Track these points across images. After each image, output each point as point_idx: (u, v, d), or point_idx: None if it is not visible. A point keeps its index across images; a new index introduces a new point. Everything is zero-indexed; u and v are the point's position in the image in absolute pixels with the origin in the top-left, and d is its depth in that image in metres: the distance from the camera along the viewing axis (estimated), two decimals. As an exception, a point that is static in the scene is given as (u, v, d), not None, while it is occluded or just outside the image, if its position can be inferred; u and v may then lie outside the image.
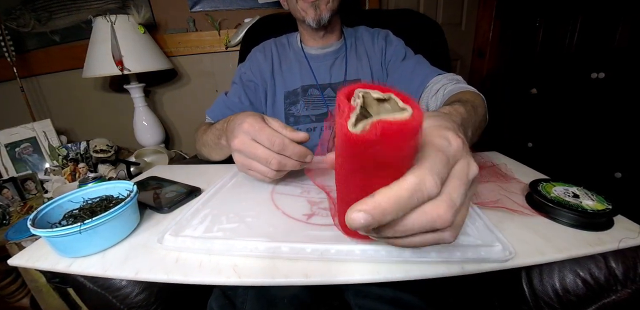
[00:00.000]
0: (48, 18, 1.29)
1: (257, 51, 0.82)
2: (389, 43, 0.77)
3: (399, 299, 0.44)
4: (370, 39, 0.79)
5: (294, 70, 0.78)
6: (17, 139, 1.15)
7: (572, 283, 0.36)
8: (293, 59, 0.79)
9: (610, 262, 0.35)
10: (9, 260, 0.36)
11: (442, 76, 0.66)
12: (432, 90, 0.65)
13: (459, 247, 0.31)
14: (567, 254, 0.32)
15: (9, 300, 0.93)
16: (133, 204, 0.39)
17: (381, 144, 0.17)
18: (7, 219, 0.90)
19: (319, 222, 0.38)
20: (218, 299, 0.48)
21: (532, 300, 0.38)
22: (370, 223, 0.19)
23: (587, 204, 0.36)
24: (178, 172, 0.60)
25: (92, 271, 0.34)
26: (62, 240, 0.33)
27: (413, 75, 0.70)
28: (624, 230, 0.34)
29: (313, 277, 0.30)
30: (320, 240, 0.34)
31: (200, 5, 1.30)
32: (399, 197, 0.19)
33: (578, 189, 0.40)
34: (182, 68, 1.40)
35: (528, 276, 0.39)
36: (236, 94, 0.78)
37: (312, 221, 0.39)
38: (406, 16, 0.93)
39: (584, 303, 0.36)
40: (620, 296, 0.34)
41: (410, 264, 0.31)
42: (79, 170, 1.09)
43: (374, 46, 0.78)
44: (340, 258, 0.32)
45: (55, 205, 0.40)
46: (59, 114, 1.44)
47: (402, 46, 0.77)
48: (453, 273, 0.30)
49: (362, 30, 0.82)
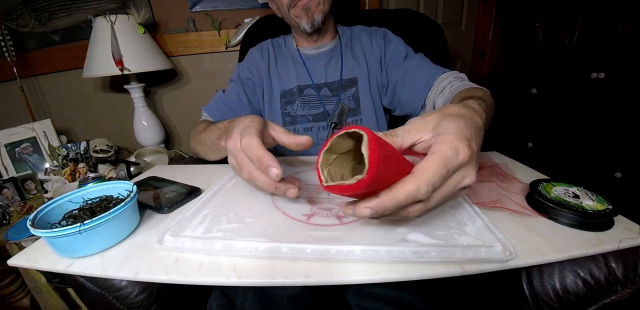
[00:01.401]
0: (48, 18, 1.29)
1: (255, 50, 0.82)
2: (388, 41, 0.77)
3: (399, 299, 0.44)
4: (367, 38, 0.79)
5: (290, 69, 0.78)
6: (17, 139, 1.15)
7: (572, 283, 0.36)
8: (289, 59, 0.80)
9: (611, 263, 0.35)
10: (8, 261, 0.36)
11: (447, 74, 0.66)
12: (438, 88, 0.65)
13: (459, 248, 0.31)
14: (568, 254, 0.32)
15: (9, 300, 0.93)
16: (133, 204, 0.39)
17: (349, 192, 0.25)
18: (7, 219, 0.90)
19: (319, 222, 0.38)
20: (218, 299, 0.48)
21: (532, 301, 0.38)
22: (373, 215, 0.26)
23: (587, 204, 0.36)
24: (178, 172, 0.60)
25: (92, 271, 0.33)
26: (61, 240, 0.33)
27: (419, 73, 0.70)
28: (624, 231, 0.34)
29: (313, 277, 0.30)
30: (321, 241, 0.34)
31: (200, 5, 1.30)
32: (397, 200, 0.25)
33: (578, 189, 0.40)
34: (182, 68, 1.40)
35: (528, 276, 0.39)
36: (234, 92, 0.78)
37: (312, 221, 0.39)
38: (406, 16, 0.93)
39: (584, 303, 0.36)
40: (620, 296, 0.34)
41: (410, 264, 0.31)
42: (79, 170, 1.09)
43: (372, 44, 0.78)
44: (340, 258, 0.31)
45: (55, 206, 0.39)
46: (59, 114, 1.44)
47: (402, 44, 0.77)
48: (453, 273, 0.30)
49: (359, 29, 0.82)
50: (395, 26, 0.83)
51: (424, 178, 0.25)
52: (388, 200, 0.25)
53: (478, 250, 0.31)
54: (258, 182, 0.38)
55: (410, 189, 0.25)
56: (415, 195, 0.25)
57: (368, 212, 0.26)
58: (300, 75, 0.78)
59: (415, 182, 0.25)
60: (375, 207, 0.25)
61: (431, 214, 0.39)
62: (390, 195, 0.25)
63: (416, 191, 0.25)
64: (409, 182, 0.25)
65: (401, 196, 0.25)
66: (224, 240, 0.34)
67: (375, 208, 0.25)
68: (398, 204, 0.26)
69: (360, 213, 0.26)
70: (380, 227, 0.36)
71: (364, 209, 0.26)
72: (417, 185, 0.25)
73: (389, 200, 0.25)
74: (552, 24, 1.35)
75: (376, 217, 0.28)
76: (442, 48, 0.91)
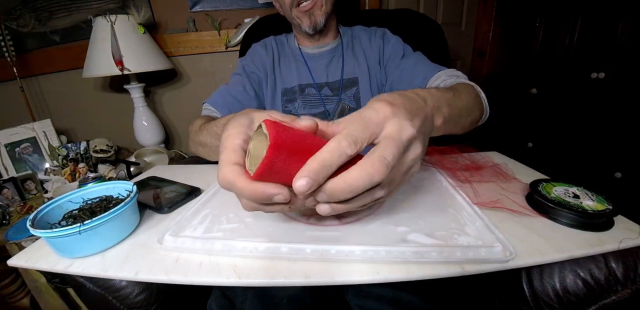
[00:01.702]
0: (48, 18, 1.29)
1: (259, 46, 0.81)
2: (387, 41, 0.77)
3: (399, 299, 0.44)
4: (367, 38, 0.79)
5: (292, 68, 0.78)
6: (17, 139, 1.15)
7: (572, 283, 0.36)
8: (291, 57, 0.80)
9: (611, 263, 0.35)
10: (8, 261, 0.36)
11: (442, 72, 0.66)
12: (432, 86, 0.65)
13: (460, 248, 0.31)
14: (568, 255, 0.32)
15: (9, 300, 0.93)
16: (133, 204, 0.39)
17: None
18: (7, 219, 0.90)
19: (319, 222, 0.38)
20: (218, 299, 0.48)
21: (532, 301, 0.38)
22: (312, 184, 0.24)
23: (587, 204, 0.36)
24: (178, 172, 0.60)
25: (92, 272, 0.33)
26: (61, 240, 0.33)
27: (415, 73, 0.70)
28: (624, 231, 0.34)
29: (313, 277, 0.30)
30: (320, 241, 0.34)
31: (200, 5, 1.30)
32: (324, 159, 0.24)
33: (578, 189, 0.40)
34: (182, 68, 1.40)
35: (528, 276, 0.39)
36: (240, 84, 0.75)
37: (312, 221, 0.39)
38: (406, 16, 0.93)
39: (584, 303, 0.36)
40: (620, 296, 0.34)
41: (410, 264, 0.31)
42: (79, 170, 1.09)
43: (371, 44, 0.78)
44: (340, 258, 0.31)
45: (55, 206, 0.39)
46: (59, 114, 1.44)
47: (400, 44, 0.77)
48: (453, 273, 0.30)
49: (359, 29, 0.82)
50: (395, 26, 0.83)
51: (343, 133, 0.25)
52: (315, 162, 0.24)
53: (478, 250, 0.30)
54: (289, 211, 0.32)
55: (331, 145, 0.25)
56: (339, 149, 0.24)
57: (305, 181, 0.23)
58: (301, 74, 0.78)
59: (334, 139, 0.25)
60: (307, 173, 0.23)
61: (431, 214, 0.39)
62: (316, 157, 0.24)
63: (338, 145, 0.25)
64: (330, 141, 0.25)
65: (325, 154, 0.24)
66: (224, 240, 0.34)
67: (307, 174, 0.23)
68: (326, 163, 0.24)
69: (300, 187, 0.23)
70: (381, 228, 0.36)
71: (300, 181, 0.23)
72: (336, 140, 0.25)
73: (316, 162, 0.24)
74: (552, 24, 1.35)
75: (328, 199, 0.26)
76: (442, 48, 0.91)
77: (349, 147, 0.25)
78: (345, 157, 0.25)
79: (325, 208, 0.27)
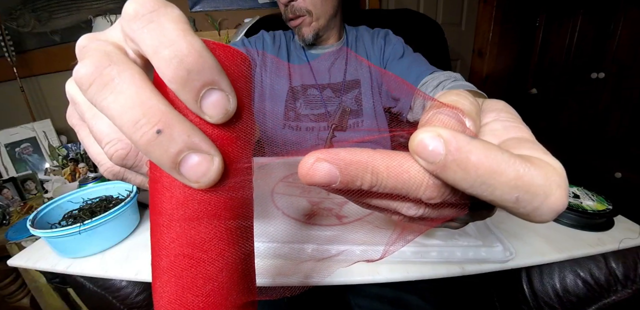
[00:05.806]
0: (48, 18, 1.29)
1: (268, 35, 0.80)
2: (388, 42, 0.77)
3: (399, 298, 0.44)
4: (370, 39, 0.79)
5: (295, 67, 0.78)
6: (17, 139, 1.15)
7: (572, 283, 0.36)
8: (295, 56, 0.80)
9: (611, 263, 0.35)
10: (8, 261, 0.36)
11: (439, 73, 0.66)
12: (428, 87, 0.64)
13: (460, 248, 0.31)
14: (568, 255, 0.32)
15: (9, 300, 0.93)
16: (133, 204, 0.39)
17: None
18: (7, 219, 0.90)
19: (319, 222, 0.38)
20: (218, 299, 0.48)
21: (532, 301, 0.38)
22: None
23: (587, 204, 0.36)
24: (178, 172, 0.60)
25: (92, 272, 0.33)
26: (61, 240, 0.33)
27: (408, 72, 0.70)
28: (625, 231, 0.34)
29: (313, 277, 0.30)
30: (321, 241, 0.34)
31: (200, 5, 1.30)
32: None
33: (578, 189, 0.40)
34: (182, 68, 1.40)
35: (528, 276, 0.39)
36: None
37: (312, 221, 0.39)
38: (406, 16, 0.93)
39: (584, 303, 0.36)
40: (620, 296, 0.34)
41: (410, 264, 0.31)
42: (79, 170, 1.09)
43: (374, 45, 0.78)
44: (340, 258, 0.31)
45: (55, 206, 0.39)
46: (59, 114, 1.44)
47: (400, 44, 0.77)
48: (453, 273, 0.30)
49: (363, 30, 0.82)
50: (395, 26, 0.83)
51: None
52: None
53: (478, 250, 0.30)
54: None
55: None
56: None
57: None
58: (304, 74, 0.77)
59: None
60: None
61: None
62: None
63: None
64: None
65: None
66: (224, 240, 0.34)
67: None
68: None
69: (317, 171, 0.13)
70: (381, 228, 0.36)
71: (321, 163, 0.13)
72: None
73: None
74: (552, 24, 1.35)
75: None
76: (442, 48, 0.91)
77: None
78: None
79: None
